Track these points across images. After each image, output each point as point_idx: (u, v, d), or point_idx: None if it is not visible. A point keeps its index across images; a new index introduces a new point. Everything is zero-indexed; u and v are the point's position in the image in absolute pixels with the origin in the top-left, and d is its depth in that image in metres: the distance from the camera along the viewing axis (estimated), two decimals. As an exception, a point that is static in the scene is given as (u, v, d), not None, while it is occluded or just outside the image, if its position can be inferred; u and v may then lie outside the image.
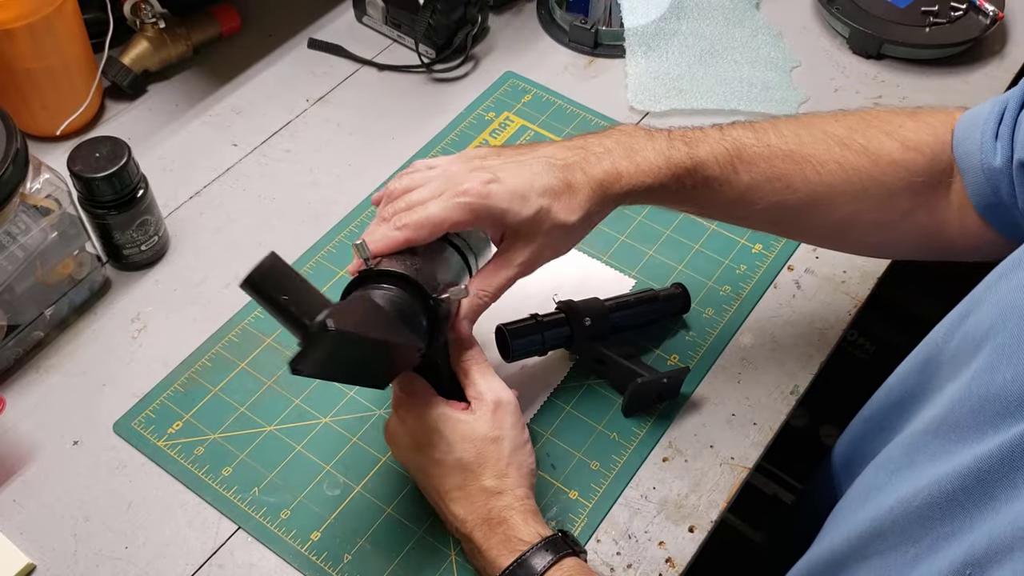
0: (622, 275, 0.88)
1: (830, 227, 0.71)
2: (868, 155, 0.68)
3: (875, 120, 0.69)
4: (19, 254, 0.77)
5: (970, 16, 1.07)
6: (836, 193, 0.68)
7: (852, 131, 0.69)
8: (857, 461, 0.75)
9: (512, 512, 0.65)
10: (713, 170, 0.68)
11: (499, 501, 0.65)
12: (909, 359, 0.68)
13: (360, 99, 1.04)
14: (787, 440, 0.83)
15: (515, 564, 0.62)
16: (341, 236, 0.91)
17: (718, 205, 0.71)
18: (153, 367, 0.82)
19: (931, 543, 0.52)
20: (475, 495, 0.65)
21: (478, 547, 0.65)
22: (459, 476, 0.66)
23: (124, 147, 0.81)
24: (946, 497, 0.51)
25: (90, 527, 0.73)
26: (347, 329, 0.56)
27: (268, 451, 0.76)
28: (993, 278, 0.58)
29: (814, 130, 0.69)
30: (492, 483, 0.66)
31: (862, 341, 1.37)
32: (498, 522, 0.64)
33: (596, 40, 1.08)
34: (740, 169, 0.68)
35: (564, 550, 0.63)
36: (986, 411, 0.51)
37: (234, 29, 1.08)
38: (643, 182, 0.67)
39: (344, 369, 0.62)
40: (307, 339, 0.56)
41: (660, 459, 0.77)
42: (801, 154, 0.68)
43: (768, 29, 1.10)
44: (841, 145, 0.68)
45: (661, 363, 0.82)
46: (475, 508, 0.65)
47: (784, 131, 0.69)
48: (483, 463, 0.66)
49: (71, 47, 0.92)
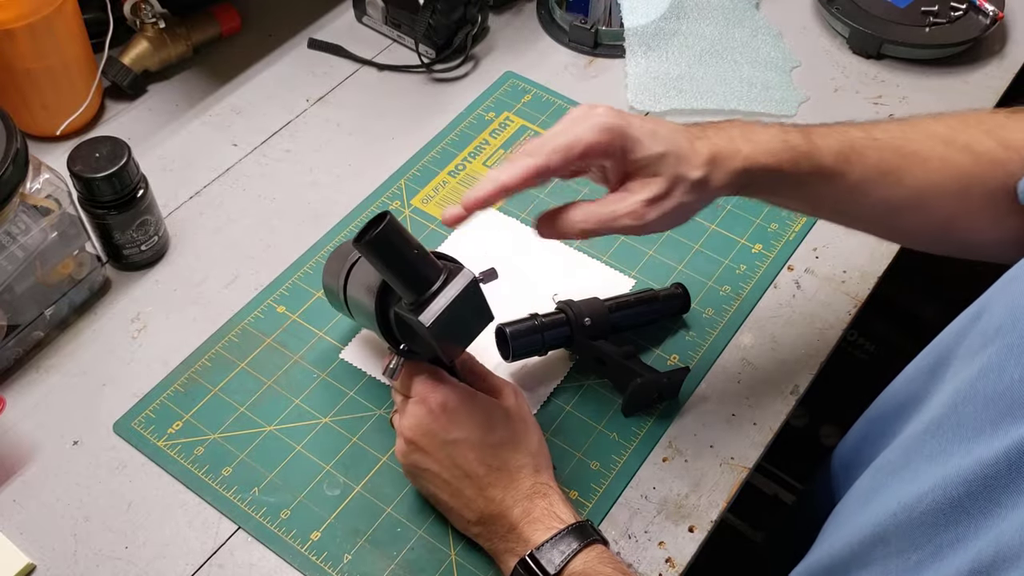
0: (622, 275, 0.88)
1: (933, 227, 0.70)
2: (970, 153, 0.67)
3: (974, 119, 0.69)
4: (19, 254, 0.77)
5: (970, 16, 1.07)
6: (941, 191, 0.67)
7: (953, 130, 0.68)
8: (858, 463, 0.75)
9: (551, 489, 0.67)
10: (828, 159, 0.66)
11: (538, 477, 0.67)
12: (917, 361, 0.68)
13: (360, 99, 1.04)
14: (787, 440, 0.83)
15: (550, 540, 0.64)
16: (341, 236, 0.91)
17: (829, 198, 0.69)
18: (153, 367, 0.82)
19: (934, 549, 0.52)
20: (515, 472, 0.67)
21: (512, 524, 0.66)
22: (499, 456, 0.67)
23: (124, 147, 0.81)
24: (950, 503, 0.51)
25: (90, 527, 0.73)
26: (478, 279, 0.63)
27: (268, 451, 0.76)
28: (1006, 279, 0.58)
29: (917, 127, 0.69)
30: (530, 460, 0.68)
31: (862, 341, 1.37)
32: (541, 495, 0.66)
33: (596, 40, 1.08)
34: (853, 160, 0.67)
35: (593, 536, 0.65)
36: (991, 410, 0.50)
37: (234, 29, 1.08)
38: (761, 161, 0.65)
39: (456, 327, 0.65)
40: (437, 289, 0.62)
41: (660, 459, 0.77)
42: (909, 149, 0.67)
43: (768, 29, 1.10)
44: (944, 143, 0.67)
45: (661, 363, 0.82)
46: (516, 484, 0.67)
47: (889, 128, 0.69)
48: (519, 442, 0.68)
49: (71, 47, 0.92)
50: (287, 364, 0.82)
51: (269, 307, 0.85)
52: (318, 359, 0.82)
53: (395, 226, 0.60)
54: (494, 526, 0.67)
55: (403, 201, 0.93)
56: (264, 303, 0.86)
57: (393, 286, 0.64)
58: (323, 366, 0.82)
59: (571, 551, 0.63)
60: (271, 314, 0.85)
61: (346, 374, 0.81)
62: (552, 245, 0.85)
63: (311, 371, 0.81)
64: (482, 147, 0.98)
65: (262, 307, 0.85)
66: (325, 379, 0.81)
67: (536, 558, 0.63)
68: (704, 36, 1.09)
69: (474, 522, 0.68)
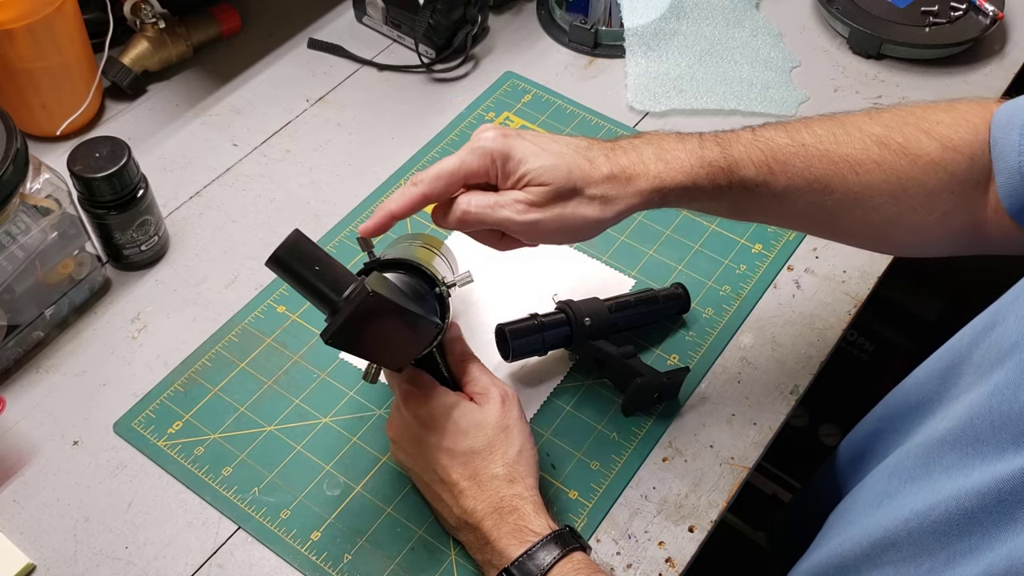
0: (622, 275, 0.88)
1: (870, 228, 0.69)
2: (907, 155, 0.65)
3: (911, 117, 0.67)
4: (19, 254, 0.77)
5: (970, 16, 1.07)
6: (875, 194, 0.66)
7: (889, 129, 0.66)
8: (865, 460, 0.75)
9: (523, 501, 0.65)
10: (748, 171, 0.65)
11: (511, 489, 0.65)
12: (930, 363, 0.67)
13: (360, 99, 1.04)
14: (787, 440, 0.83)
15: (525, 555, 0.62)
16: (341, 236, 0.91)
17: (754, 207, 0.68)
18: (153, 367, 0.82)
19: (947, 558, 0.52)
20: (487, 483, 0.66)
21: (486, 537, 0.65)
22: (470, 465, 0.66)
23: (124, 147, 0.81)
24: (964, 514, 0.51)
25: (90, 527, 0.73)
26: (382, 294, 0.59)
27: (268, 451, 0.76)
28: (1017, 291, 0.57)
29: (850, 128, 0.67)
30: (503, 471, 0.66)
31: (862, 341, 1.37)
32: (510, 510, 0.65)
33: (596, 40, 1.08)
34: (776, 170, 0.65)
35: (572, 544, 0.63)
36: (1008, 429, 0.51)
37: (234, 29, 1.08)
38: (673, 180, 0.64)
39: (370, 343, 0.63)
40: (341, 306, 0.59)
41: (660, 459, 0.77)
42: (838, 154, 0.65)
43: (768, 29, 1.10)
44: (879, 144, 0.65)
45: (661, 363, 0.82)
46: (486, 496, 0.65)
47: (818, 130, 0.67)
48: (494, 451, 0.66)
49: (71, 47, 0.92)
50: (287, 364, 0.82)
51: (269, 307, 0.85)
52: (318, 359, 0.82)
53: (298, 245, 0.59)
54: (472, 536, 0.67)
55: (403, 201, 0.94)
56: (264, 303, 0.86)
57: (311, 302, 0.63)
58: (323, 366, 0.82)
59: (547, 563, 0.62)
60: (271, 314, 0.85)
61: (346, 374, 0.81)
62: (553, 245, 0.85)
63: (311, 371, 0.81)
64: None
65: (262, 307, 0.85)
66: (325, 379, 0.81)
67: (512, 573, 0.63)
68: (704, 36, 1.09)
69: (456, 528, 0.69)
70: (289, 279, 0.60)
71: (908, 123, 0.66)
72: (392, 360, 0.66)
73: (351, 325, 0.59)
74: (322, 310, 0.61)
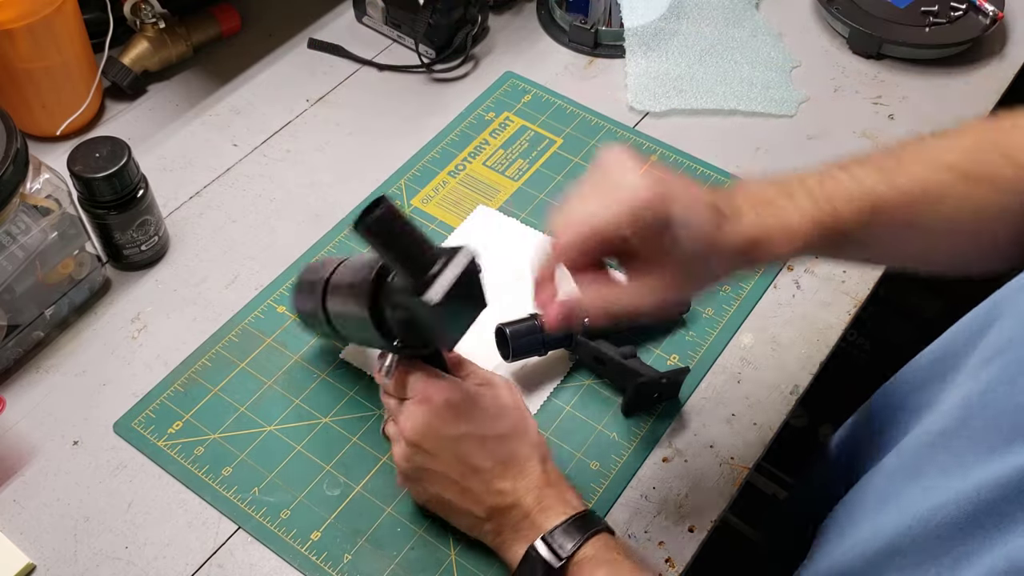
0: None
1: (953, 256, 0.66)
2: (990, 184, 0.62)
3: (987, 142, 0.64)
4: (19, 254, 0.77)
5: (970, 16, 1.07)
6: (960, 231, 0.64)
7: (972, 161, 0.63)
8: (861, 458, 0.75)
9: (559, 478, 0.68)
10: (852, 228, 0.62)
11: (547, 465, 0.68)
12: (925, 357, 0.67)
13: (360, 99, 1.04)
14: (787, 440, 0.83)
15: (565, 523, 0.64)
16: (341, 236, 0.91)
17: (844, 255, 0.67)
18: (153, 367, 0.82)
19: (951, 562, 0.52)
20: (525, 463, 0.67)
21: (526, 513, 0.66)
22: (506, 447, 0.67)
23: (124, 147, 0.81)
24: (965, 517, 0.51)
25: (90, 527, 0.73)
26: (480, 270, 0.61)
27: (268, 451, 0.76)
28: (1014, 287, 0.57)
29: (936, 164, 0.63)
30: (535, 450, 0.68)
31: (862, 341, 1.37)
32: (552, 484, 0.67)
33: (596, 40, 1.08)
34: (874, 223, 0.62)
35: (600, 525, 0.66)
36: (1004, 426, 0.51)
37: (234, 29, 1.08)
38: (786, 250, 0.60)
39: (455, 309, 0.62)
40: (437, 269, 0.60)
41: (660, 459, 0.77)
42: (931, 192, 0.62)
43: (768, 29, 1.10)
44: (964, 178, 0.63)
45: (661, 363, 0.82)
46: (527, 474, 0.67)
47: (910, 168, 0.63)
48: (523, 432, 0.68)
49: (71, 47, 0.92)
50: (287, 364, 0.82)
51: (269, 307, 0.85)
52: (318, 359, 0.82)
53: (393, 208, 0.60)
54: (505, 518, 0.67)
55: (403, 201, 0.93)
56: (264, 303, 0.86)
57: (396, 269, 0.63)
58: (323, 366, 0.82)
59: (582, 537, 0.64)
60: (271, 314, 0.85)
61: (346, 374, 0.81)
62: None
63: (311, 371, 0.81)
64: (482, 147, 0.98)
65: (262, 307, 0.85)
66: (325, 379, 0.81)
67: (548, 541, 0.64)
68: (704, 36, 1.09)
69: (484, 518, 0.68)
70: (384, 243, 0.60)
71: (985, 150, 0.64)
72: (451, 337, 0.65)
73: (458, 285, 0.60)
74: (408, 277, 0.60)
